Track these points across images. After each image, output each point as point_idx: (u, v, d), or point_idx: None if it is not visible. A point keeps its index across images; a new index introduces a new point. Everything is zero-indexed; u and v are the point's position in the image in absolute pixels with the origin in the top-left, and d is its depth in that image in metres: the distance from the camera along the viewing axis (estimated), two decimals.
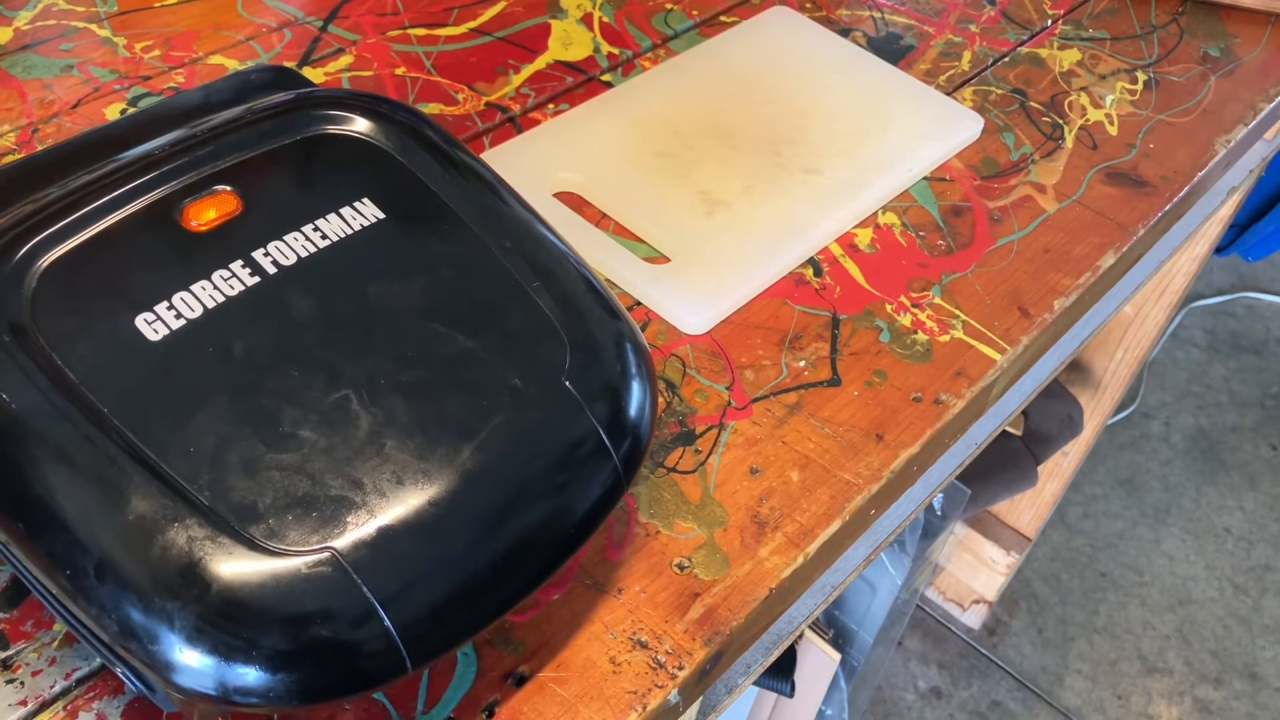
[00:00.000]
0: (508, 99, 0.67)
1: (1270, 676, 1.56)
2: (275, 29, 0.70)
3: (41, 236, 0.39)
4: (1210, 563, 1.69)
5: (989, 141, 0.70)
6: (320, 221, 0.42)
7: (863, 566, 0.68)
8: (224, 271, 0.40)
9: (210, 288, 0.40)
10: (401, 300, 0.41)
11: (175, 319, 0.39)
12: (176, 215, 0.41)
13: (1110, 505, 1.75)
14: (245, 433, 0.37)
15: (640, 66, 0.71)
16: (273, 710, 0.35)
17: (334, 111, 0.46)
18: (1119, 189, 0.68)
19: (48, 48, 0.66)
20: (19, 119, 0.61)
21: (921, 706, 1.51)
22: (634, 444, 0.42)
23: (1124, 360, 1.31)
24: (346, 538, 0.36)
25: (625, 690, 0.43)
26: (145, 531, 0.34)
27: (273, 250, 0.41)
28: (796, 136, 0.66)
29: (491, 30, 0.72)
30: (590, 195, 0.62)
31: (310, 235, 0.42)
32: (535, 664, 0.44)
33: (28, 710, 0.40)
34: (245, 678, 0.34)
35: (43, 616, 0.43)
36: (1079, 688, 1.54)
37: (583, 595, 0.46)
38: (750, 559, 0.48)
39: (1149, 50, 0.80)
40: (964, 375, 0.57)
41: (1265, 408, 1.90)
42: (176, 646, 0.34)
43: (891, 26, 0.78)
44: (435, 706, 0.42)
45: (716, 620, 0.46)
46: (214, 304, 0.39)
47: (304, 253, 0.41)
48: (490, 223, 0.44)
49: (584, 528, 0.41)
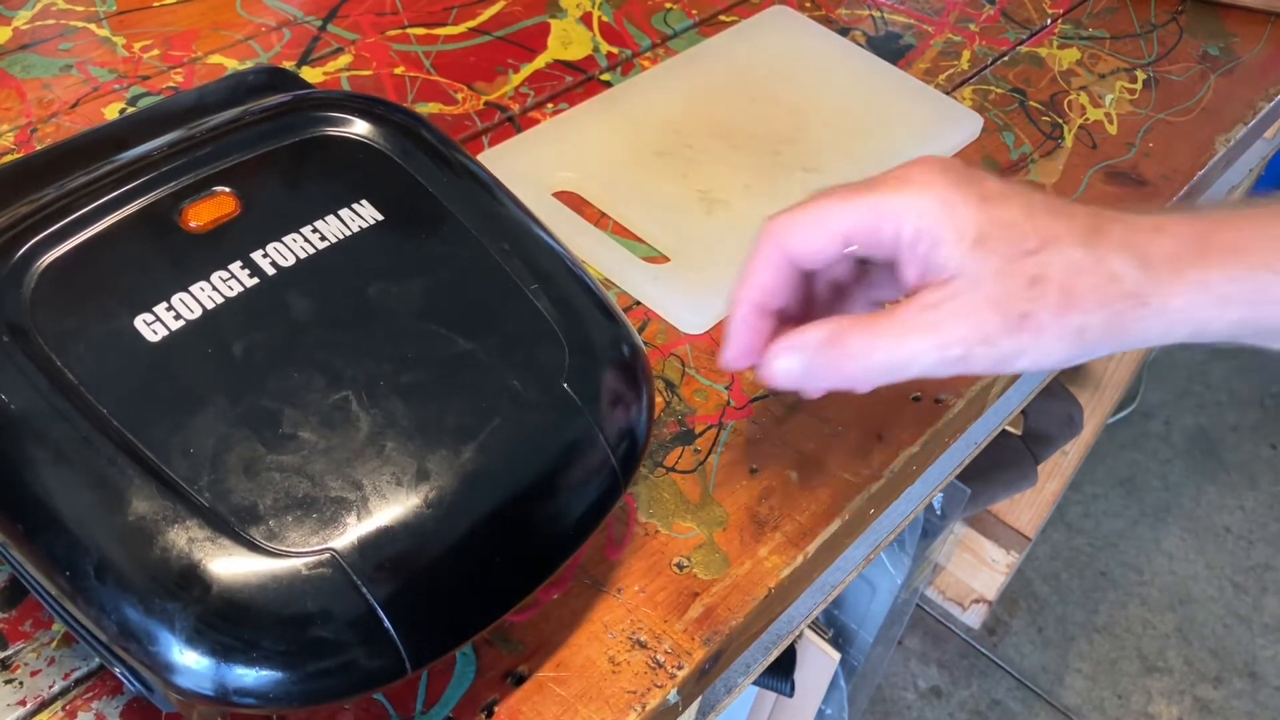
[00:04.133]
0: (507, 98, 0.67)
1: (1270, 675, 1.56)
2: (274, 28, 0.70)
3: (40, 237, 0.39)
4: (1210, 562, 1.69)
5: (988, 141, 0.70)
6: (319, 223, 0.42)
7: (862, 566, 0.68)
8: (223, 273, 0.40)
9: (209, 289, 0.40)
10: (400, 302, 0.41)
11: (174, 320, 0.39)
12: (175, 216, 0.41)
13: (1110, 504, 1.75)
14: (245, 434, 0.37)
15: (640, 66, 0.71)
16: (272, 711, 0.35)
17: (331, 113, 0.46)
18: (1119, 188, 0.68)
19: (47, 47, 0.66)
20: (18, 118, 0.61)
21: (921, 706, 1.51)
22: (631, 446, 0.42)
23: (1124, 359, 1.31)
24: (346, 539, 0.36)
25: (624, 690, 0.43)
26: (145, 532, 0.34)
27: (271, 251, 0.41)
28: (796, 136, 0.66)
29: (491, 29, 0.72)
30: (589, 195, 0.62)
31: (309, 237, 0.42)
32: (534, 663, 0.44)
33: (26, 710, 0.40)
34: (244, 679, 0.34)
35: (41, 616, 0.43)
36: (1079, 687, 1.54)
37: (582, 595, 0.46)
38: (750, 558, 0.48)
39: (1148, 49, 0.80)
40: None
41: (1265, 407, 1.90)
42: (176, 648, 0.34)
43: (891, 26, 0.78)
44: (434, 706, 0.42)
45: (716, 620, 0.46)
46: (213, 305, 0.39)
47: (303, 254, 0.41)
48: (488, 225, 0.44)
49: (582, 528, 0.41)
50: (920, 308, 0.39)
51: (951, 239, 0.38)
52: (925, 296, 0.39)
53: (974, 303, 0.38)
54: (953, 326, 0.38)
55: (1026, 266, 0.38)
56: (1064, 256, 0.38)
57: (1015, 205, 0.39)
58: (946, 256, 0.39)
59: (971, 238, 0.38)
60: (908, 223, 0.39)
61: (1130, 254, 0.38)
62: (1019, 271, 0.38)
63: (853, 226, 0.40)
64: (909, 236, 0.39)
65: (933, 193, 0.39)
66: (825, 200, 0.41)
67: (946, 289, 0.39)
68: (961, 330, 0.38)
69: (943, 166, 0.40)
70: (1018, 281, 0.38)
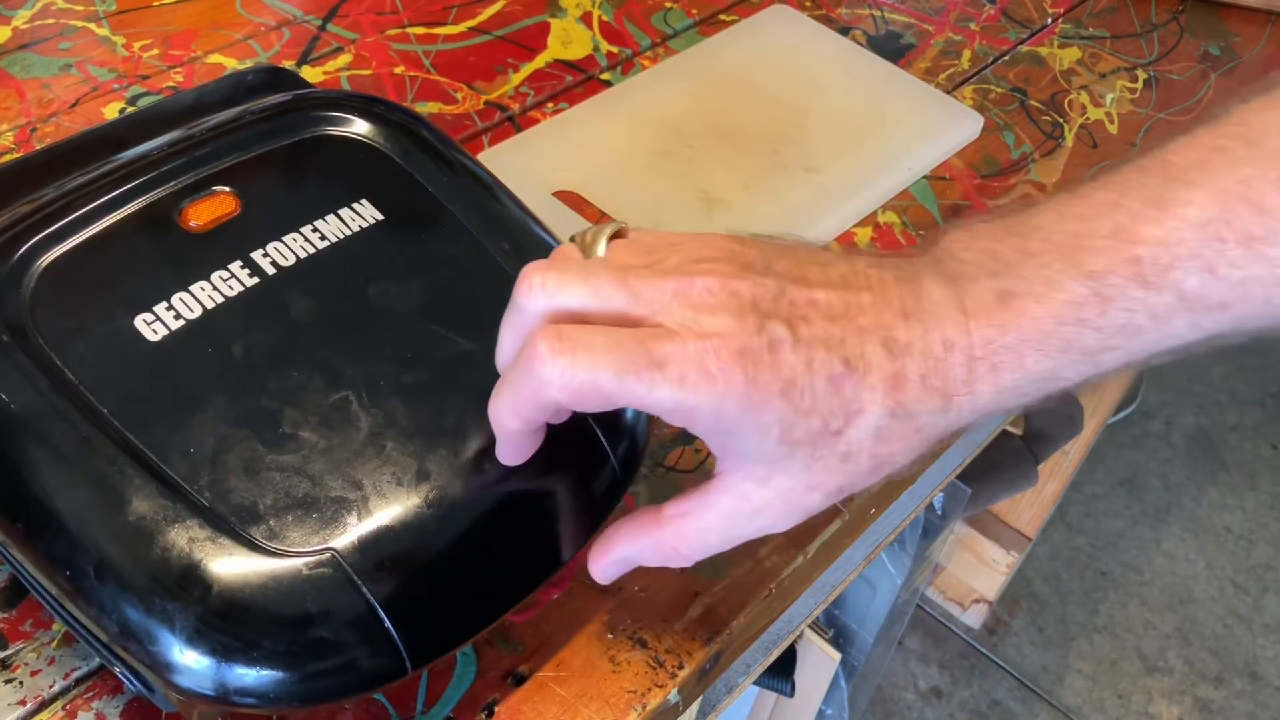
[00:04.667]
0: (507, 98, 0.67)
1: (1271, 676, 1.56)
2: (274, 28, 0.70)
3: (40, 236, 0.39)
4: (1211, 562, 1.69)
5: (989, 140, 0.70)
6: (319, 222, 0.42)
7: (863, 566, 0.68)
8: (223, 272, 0.40)
9: (209, 288, 0.40)
10: (400, 302, 0.41)
11: (174, 319, 0.39)
12: (175, 216, 0.41)
13: (1111, 504, 1.75)
14: (245, 433, 0.37)
15: (640, 65, 0.71)
16: (272, 711, 0.35)
17: (331, 112, 0.46)
18: None
19: (46, 47, 0.66)
20: (17, 118, 0.61)
21: (922, 706, 1.51)
22: (631, 445, 0.42)
23: None
24: (346, 539, 0.36)
25: (625, 689, 0.43)
26: (145, 532, 0.34)
27: (272, 251, 0.41)
28: (796, 135, 0.66)
29: (490, 29, 0.72)
30: (590, 194, 0.62)
31: (309, 236, 0.42)
32: (535, 663, 0.44)
33: (26, 710, 0.40)
34: (245, 679, 0.34)
35: (42, 616, 0.43)
36: (1079, 687, 1.54)
37: (582, 594, 0.46)
38: (750, 558, 0.48)
39: (1149, 49, 0.80)
40: None
41: (1265, 407, 1.90)
42: (177, 647, 0.34)
43: (891, 25, 0.78)
44: (434, 706, 0.42)
45: (716, 619, 0.46)
46: (213, 304, 0.39)
47: (303, 254, 0.41)
48: (488, 224, 0.44)
49: (584, 528, 0.41)
50: (735, 498, 0.36)
51: (755, 438, 0.34)
52: (735, 484, 0.36)
53: (793, 491, 0.36)
54: (779, 517, 0.36)
55: (837, 448, 0.35)
56: (870, 424, 0.35)
57: (817, 370, 0.34)
58: (753, 449, 0.35)
59: (776, 437, 0.34)
60: (699, 425, 0.34)
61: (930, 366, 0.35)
62: (829, 454, 0.35)
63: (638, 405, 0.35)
64: (702, 431, 0.35)
65: (727, 395, 0.33)
66: (603, 369, 0.33)
67: (755, 478, 0.36)
68: (789, 520, 0.37)
69: (724, 339, 0.33)
70: (831, 462, 0.35)
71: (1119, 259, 0.34)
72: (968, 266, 0.36)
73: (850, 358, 0.35)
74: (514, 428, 0.36)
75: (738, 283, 0.35)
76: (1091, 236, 0.35)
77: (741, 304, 0.34)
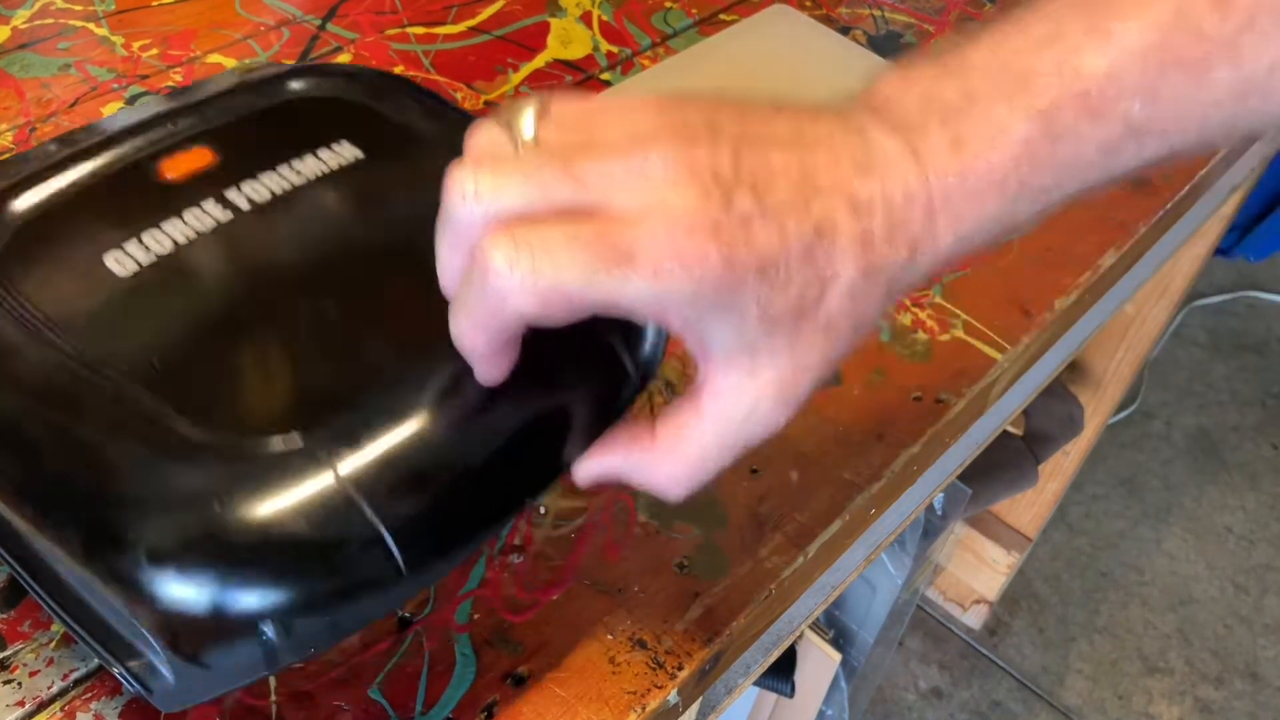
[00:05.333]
0: (507, 97, 0.67)
1: (1271, 676, 1.56)
2: (273, 27, 0.70)
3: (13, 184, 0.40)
4: (1211, 562, 1.69)
5: None
6: (295, 161, 0.42)
7: (863, 566, 0.67)
8: (196, 210, 0.40)
9: (181, 225, 0.39)
10: (384, 231, 0.41)
11: (145, 254, 0.38)
12: (151, 171, 0.41)
13: (1111, 505, 1.75)
14: (224, 349, 0.37)
15: (639, 65, 0.71)
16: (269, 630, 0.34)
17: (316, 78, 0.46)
18: (1120, 187, 0.68)
19: (45, 46, 0.66)
20: (16, 118, 0.61)
21: (922, 706, 1.51)
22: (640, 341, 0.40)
23: (1125, 359, 1.31)
24: (326, 434, 0.35)
25: (625, 690, 0.43)
26: (123, 452, 0.34)
27: (246, 188, 0.41)
28: None
29: (490, 29, 0.72)
30: None
31: (285, 174, 0.42)
32: (534, 664, 0.43)
33: (25, 711, 0.40)
34: (234, 587, 0.33)
35: (40, 617, 0.43)
36: (1080, 688, 1.53)
37: (582, 595, 0.46)
38: (750, 559, 0.48)
39: None
40: (964, 374, 0.56)
41: (1266, 407, 1.90)
42: (162, 565, 0.33)
43: (892, 25, 0.78)
44: (434, 707, 0.42)
45: (716, 620, 0.45)
46: (185, 240, 0.39)
47: (279, 190, 0.41)
48: None
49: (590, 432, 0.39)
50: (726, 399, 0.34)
51: (735, 320, 0.33)
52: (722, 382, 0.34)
53: (782, 378, 0.34)
54: (775, 409, 0.35)
55: (818, 319, 0.34)
56: (844, 288, 0.34)
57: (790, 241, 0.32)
58: (731, 336, 0.33)
59: (755, 316, 0.32)
60: (672, 318, 0.32)
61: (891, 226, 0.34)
62: (810, 328, 0.34)
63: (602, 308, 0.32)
64: (676, 326, 0.33)
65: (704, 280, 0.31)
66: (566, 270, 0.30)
67: (742, 369, 0.34)
68: (784, 411, 0.35)
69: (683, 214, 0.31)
70: (814, 338, 0.34)
71: (1066, 94, 0.34)
72: (912, 114, 0.35)
73: (820, 224, 0.33)
74: (482, 350, 0.34)
75: (692, 151, 0.32)
76: (1035, 74, 0.34)
77: (701, 176, 0.32)
